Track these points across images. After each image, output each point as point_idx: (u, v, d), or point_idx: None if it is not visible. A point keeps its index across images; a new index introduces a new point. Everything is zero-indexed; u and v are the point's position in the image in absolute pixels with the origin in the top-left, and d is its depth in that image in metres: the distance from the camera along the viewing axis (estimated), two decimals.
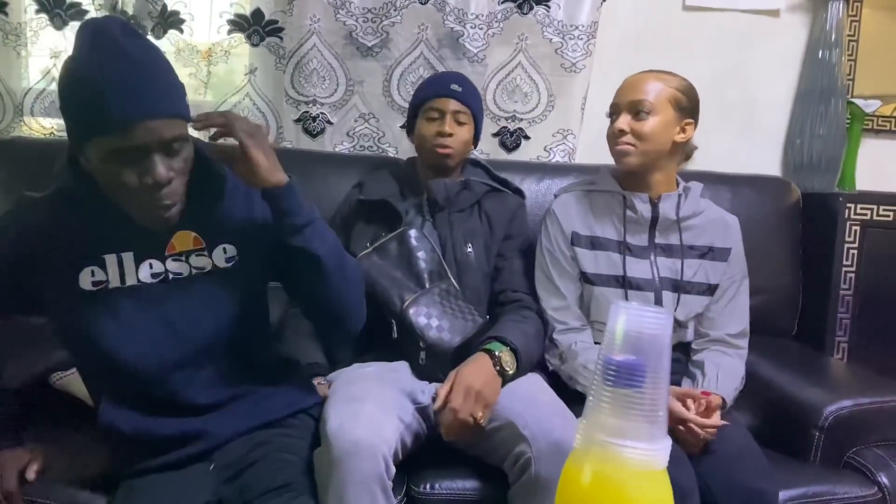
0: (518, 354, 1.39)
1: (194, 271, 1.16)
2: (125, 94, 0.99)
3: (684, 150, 1.55)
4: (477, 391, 1.29)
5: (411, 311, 1.45)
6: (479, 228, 1.60)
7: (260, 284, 1.26)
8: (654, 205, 1.52)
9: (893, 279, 1.96)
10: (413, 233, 1.53)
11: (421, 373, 1.45)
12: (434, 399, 1.35)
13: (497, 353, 1.36)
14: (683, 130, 1.50)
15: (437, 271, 1.53)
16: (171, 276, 1.15)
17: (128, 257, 1.13)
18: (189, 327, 1.16)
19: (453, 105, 1.57)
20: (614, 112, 1.52)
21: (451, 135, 1.56)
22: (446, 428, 1.30)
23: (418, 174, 1.64)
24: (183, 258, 1.16)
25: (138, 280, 1.14)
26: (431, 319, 1.45)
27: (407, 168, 1.69)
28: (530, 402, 1.33)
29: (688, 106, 1.50)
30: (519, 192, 1.71)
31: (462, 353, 1.42)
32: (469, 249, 1.56)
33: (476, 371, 1.33)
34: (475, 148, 1.72)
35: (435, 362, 1.44)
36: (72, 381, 1.49)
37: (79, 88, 1.01)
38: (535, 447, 1.21)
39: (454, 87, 1.59)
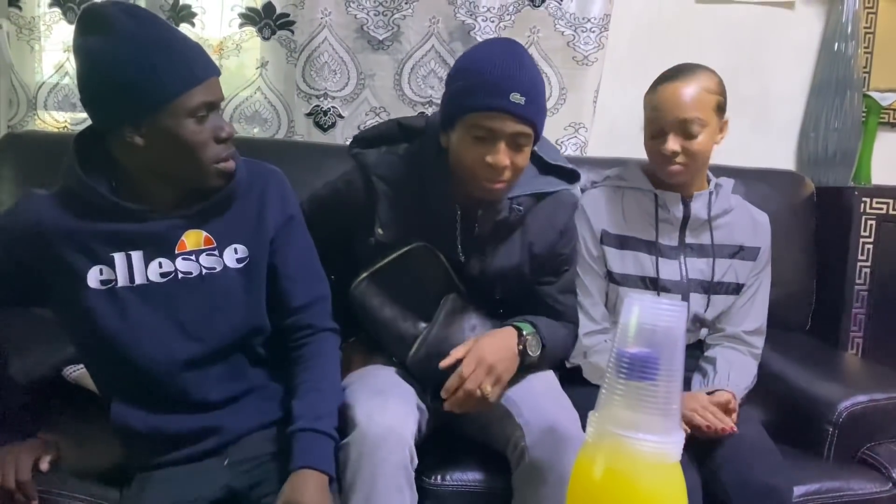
0: (544, 343, 1.31)
1: (204, 271, 1.16)
2: (202, 53, 1.11)
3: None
4: (490, 364, 1.21)
5: (415, 362, 1.30)
6: (516, 264, 1.34)
7: (269, 284, 1.24)
8: (686, 204, 1.49)
9: None
10: (420, 251, 1.31)
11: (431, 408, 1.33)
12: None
13: (525, 333, 1.27)
14: (721, 130, 1.46)
15: (443, 289, 1.33)
16: (180, 275, 1.15)
17: (137, 256, 1.13)
18: (199, 326, 1.15)
19: (511, 126, 1.16)
20: (658, 133, 1.43)
21: (507, 167, 1.19)
22: (447, 392, 1.21)
23: (450, 185, 1.28)
24: (193, 257, 1.16)
25: (147, 279, 1.13)
26: (437, 361, 1.26)
27: (435, 172, 1.29)
28: (526, 389, 1.31)
29: (724, 104, 1.46)
30: (571, 176, 1.40)
31: None
32: (498, 293, 1.36)
33: (497, 343, 1.25)
34: None
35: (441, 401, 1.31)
36: (85, 374, 1.50)
37: (148, 58, 1.04)
38: (528, 435, 1.21)
39: (515, 97, 1.15)
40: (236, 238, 1.19)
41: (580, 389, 1.39)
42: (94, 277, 1.12)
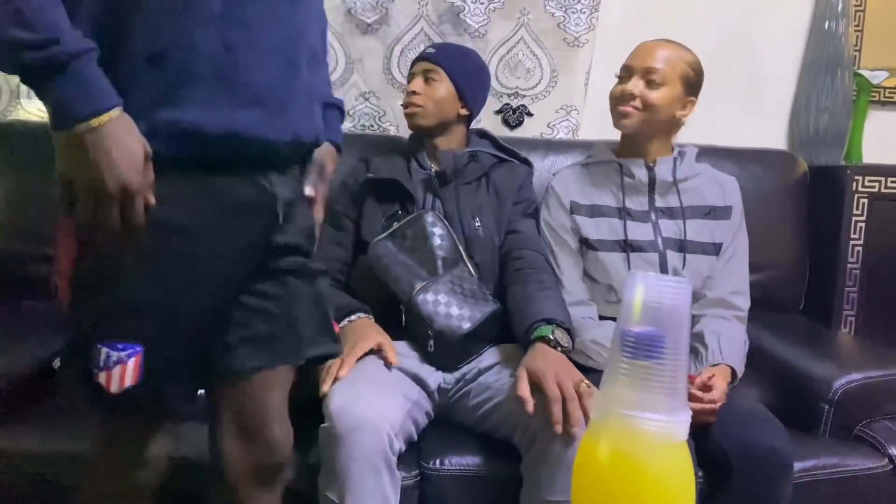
0: (566, 327, 1.34)
1: None
2: None
3: (678, 125, 1.58)
4: (556, 373, 1.21)
5: (420, 298, 1.42)
6: (486, 201, 1.58)
7: None
8: (650, 168, 1.55)
9: None
10: (429, 218, 1.50)
11: (430, 360, 1.43)
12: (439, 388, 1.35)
13: (551, 336, 1.31)
14: (685, 107, 1.54)
15: (451, 258, 1.50)
16: None
17: None
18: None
19: (423, 66, 1.58)
20: (625, 74, 1.54)
21: (415, 93, 1.56)
22: (557, 420, 1.16)
23: (424, 147, 1.63)
24: None
25: None
26: (440, 307, 1.41)
27: (412, 143, 1.67)
28: None
29: (695, 83, 1.54)
30: (527, 163, 1.70)
31: (472, 336, 1.41)
32: (477, 224, 1.54)
33: (543, 358, 1.26)
34: (473, 117, 1.67)
35: (443, 350, 1.41)
36: None
37: None
38: (539, 418, 1.21)
39: (429, 50, 1.61)
40: None
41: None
42: None
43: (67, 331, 0.97)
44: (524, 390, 1.21)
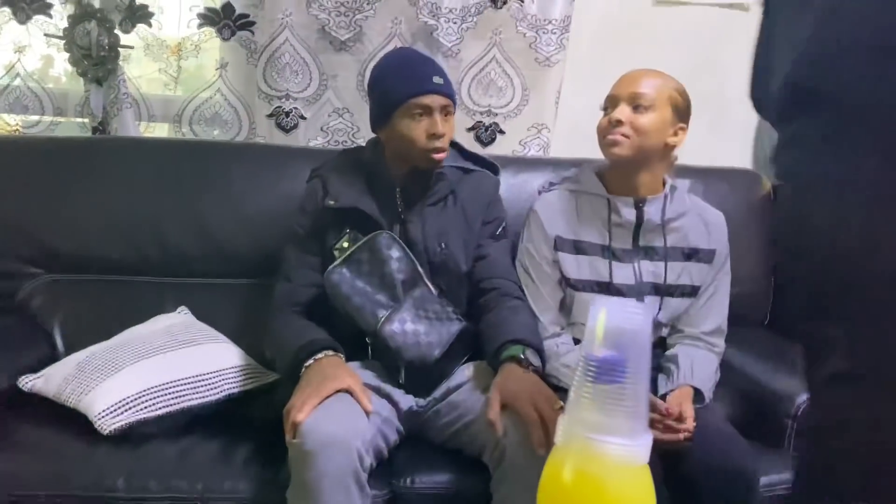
0: (536, 347, 1.35)
1: None
2: None
3: (670, 157, 1.53)
4: (530, 394, 1.21)
5: (386, 329, 1.38)
6: (454, 223, 1.51)
7: None
8: (639, 208, 1.49)
9: None
10: (383, 239, 1.44)
11: (402, 387, 1.41)
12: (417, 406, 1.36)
13: (521, 356, 1.31)
14: (676, 134, 1.48)
15: (410, 278, 1.45)
16: None
17: None
18: None
19: (439, 100, 1.43)
20: (611, 104, 1.47)
21: (444, 135, 1.43)
22: (540, 443, 1.15)
23: (388, 166, 1.51)
24: None
25: None
26: (408, 337, 1.38)
27: (373, 157, 1.54)
28: None
29: (683, 109, 1.49)
30: (493, 168, 1.63)
31: (442, 358, 1.40)
32: (443, 248, 1.48)
33: (515, 381, 1.26)
34: None
35: (415, 379, 1.40)
36: (43, 383, 1.46)
37: None
38: (509, 435, 1.22)
39: (437, 80, 1.44)
40: None
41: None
42: None
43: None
44: (494, 414, 1.21)
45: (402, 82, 1.44)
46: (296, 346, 1.33)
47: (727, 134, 2.25)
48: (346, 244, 1.45)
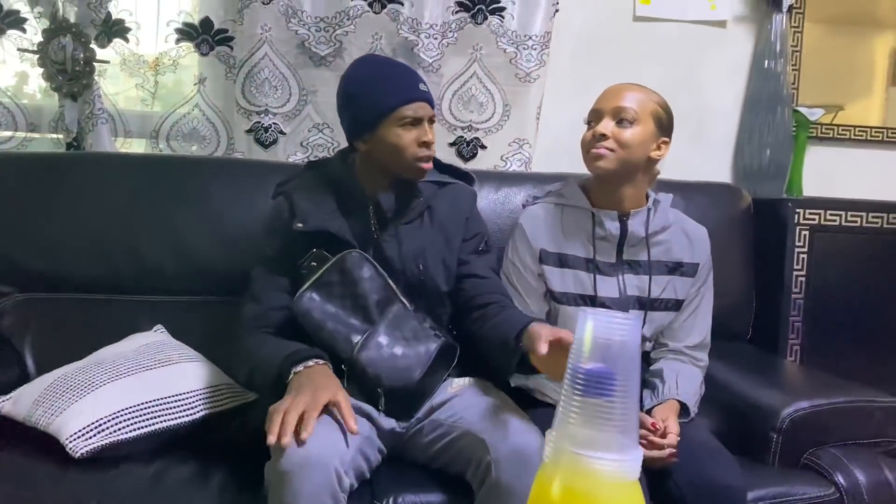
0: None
1: None
2: None
3: (653, 171, 1.52)
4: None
5: (363, 355, 1.33)
6: (431, 241, 1.45)
7: None
8: (623, 222, 1.49)
9: (840, 281, 2.02)
10: (353, 258, 1.38)
11: (384, 413, 1.36)
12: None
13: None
14: (659, 148, 1.48)
15: (384, 297, 1.39)
16: None
17: None
18: None
19: (427, 109, 1.40)
20: (594, 118, 1.47)
21: (433, 142, 1.41)
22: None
23: (360, 181, 1.45)
24: None
25: None
26: (385, 361, 1.33)
27: (342, 171, 1.47)
28: (488, 409, 1.31)
29: (666, 124, 1.49)
30: (468, 178, 1.58)
31: (423, 378, 1.36)
32: (421, 268, 1.43)
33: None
34: None
35: (396, 403, 1.35)
36: (14, 404, 1.42)
37: None
38: (493, 452, 1.19)
39: (423, 87, 1.41)
40: None
41: (540, 409, 1.39)
42: None
43: None
44: (543, 342, 1.13)
45: (390, 90, 1.39)
46: (280, 357, 1.27)
47: (707, 148, 2.27)
48: (314, 263, 1.38)
